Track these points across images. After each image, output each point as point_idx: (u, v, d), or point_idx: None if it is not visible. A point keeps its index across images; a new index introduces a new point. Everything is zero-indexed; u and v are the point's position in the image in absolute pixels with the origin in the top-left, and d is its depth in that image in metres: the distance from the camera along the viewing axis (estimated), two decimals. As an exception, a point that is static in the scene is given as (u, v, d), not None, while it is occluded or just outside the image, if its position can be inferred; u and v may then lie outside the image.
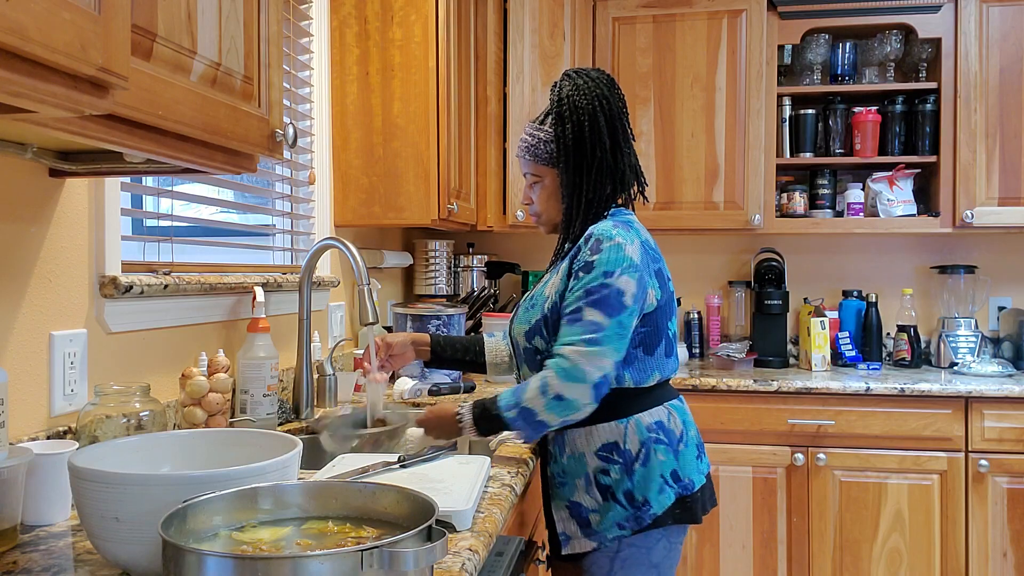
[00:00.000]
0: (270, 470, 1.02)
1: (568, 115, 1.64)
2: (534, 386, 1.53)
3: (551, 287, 1.64)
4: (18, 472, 1.14)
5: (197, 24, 1.07)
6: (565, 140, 1.64)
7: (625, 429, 1.61)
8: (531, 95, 3.02)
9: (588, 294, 1.54)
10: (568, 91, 1.66)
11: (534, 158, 1.69)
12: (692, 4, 3.17)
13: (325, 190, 2.46)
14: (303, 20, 2.35)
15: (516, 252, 3.68)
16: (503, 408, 1.55)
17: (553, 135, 1.66)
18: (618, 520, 1.59)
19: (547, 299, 1.63)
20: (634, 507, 1.59)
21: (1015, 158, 3.02)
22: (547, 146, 1.67)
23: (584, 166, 1.65)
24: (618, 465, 1.60)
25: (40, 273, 1.36)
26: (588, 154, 1.64)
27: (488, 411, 1.57)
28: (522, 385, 1.56)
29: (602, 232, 1.58)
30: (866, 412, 2.84)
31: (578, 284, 1.56)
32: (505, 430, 1.57)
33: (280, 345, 2.15)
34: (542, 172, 1.70)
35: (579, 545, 1.63)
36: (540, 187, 1.71)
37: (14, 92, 0.71)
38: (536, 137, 1.69)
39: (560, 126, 1.65)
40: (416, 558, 0.79)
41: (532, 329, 1.65)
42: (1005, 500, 2.78)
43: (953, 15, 3.06)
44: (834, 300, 3.46)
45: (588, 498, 1.62)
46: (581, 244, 1.59)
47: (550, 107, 1.68)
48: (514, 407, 1.54)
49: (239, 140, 1.18)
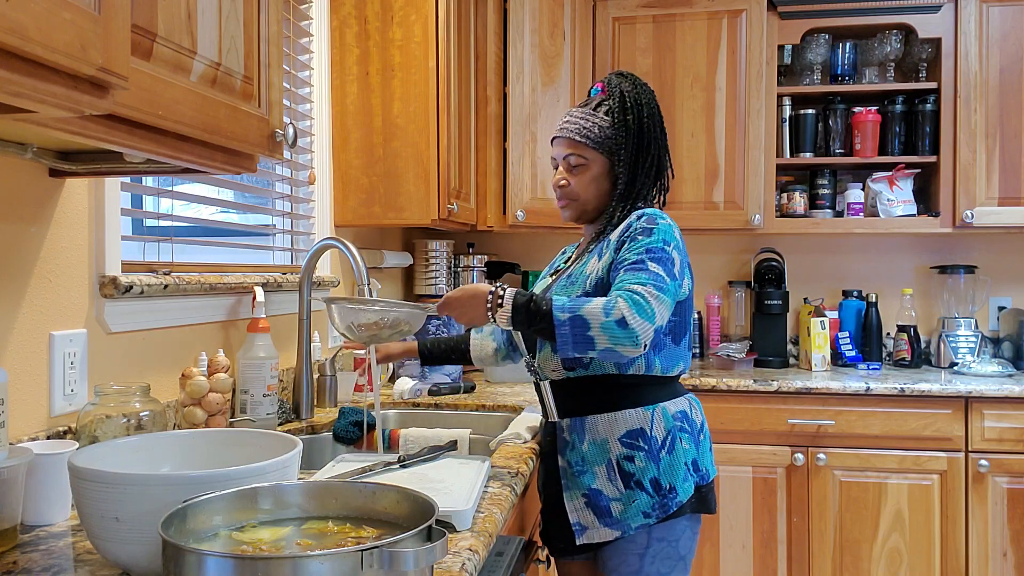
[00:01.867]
0: (270, 470, 1.02)
1: (631, 107, 1.67)
2: (597, 302, 1.47)
3: (594, 265, 1.63)
4: (18, 472, 1.14)
5: (197, 24, 1.07)
6: (628, 130, 1.67)
7: (652, 416, 1.61)
8: (531, 95, 3.02)
9: (649, 251, 1.54)
10: (628, 87, 1.69)
11: (587, 140, 1.68)
12: (692, 4, 3.17)
13: (325, 190, 2.46)
14: (303, 20, 2.35)
15: (516, 252, 3.68)
16: (556, 307, 1.47)
17: (611, 123, 1.67)
18: (643, 508, 1.58)
19: (589, 276, 1.62)
20: (660, 495, 1.58)
21: (1015, 158, 3.02)
22: (603, 132, 1.67)
23: (640, 160, 1.68)
24: (643, 452, 1.59)
25: (40, 273, 1.36)
26: (645, 149, 1.68)
27: (536, 302, 1.49)
28: (580, 298, 1.49)
29: (654, 212, 1.62)
30: (866, 412, 2.84)
31: (637, 244, 1.56)
32: (543, 331, 1.49)
33: (280, 345, 2.15)
34: (591, 157, 1.69)
35: (597, 535, 1.60)
36: (585, 171, 1.70)
37: (14, 92, 0.71)
38: (592, 121, 1.69)
39: (623, 116, 1.67)
40: (416, 558, 0.79)
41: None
42: (1005, 500, 2.78)
43: (953, 15, 3.06)
44: (834, 300, 3.46)
45: (610, 486, 1.60)
46: (632, 221, 1.61)
47: (606, 97, 1.70)
48: (568, 311, 1.46)
49: (239, 140, 1.18)
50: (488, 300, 1.51)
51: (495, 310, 1.51)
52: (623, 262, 1.56)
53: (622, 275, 1.54)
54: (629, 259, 1.55)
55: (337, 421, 1.97)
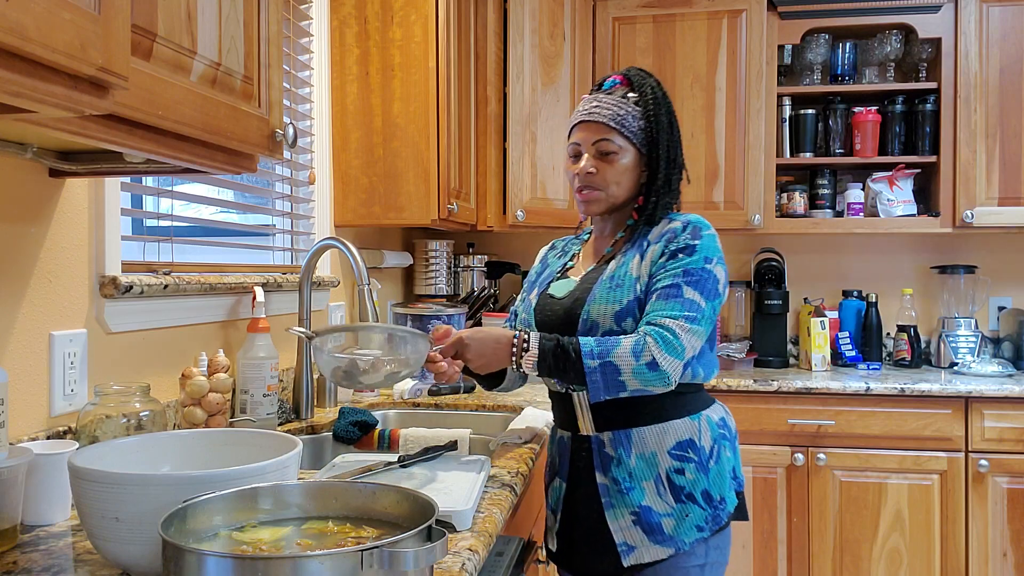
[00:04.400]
0: (270, 470, 1.02)
1: (661, 102, 1.60)
2: (626, 345, 1.44)
3: (638, 267, 1.55)
4: (18, 472, 1.14)
5: (197, 24, 1.07)
6: (659, 124, 1.58)
7: (699, 425, 1.55)
8: (531, 95, 3.02)
9: (687, 274, 1.49)
10: (653, 83, 1.62)
11: (622, 128, 1.58)
12: (692, 4, 3.17)
13: (325, 190, 2.46)
14: (303, 20, 2.35)
15: (516, 252, 3.68)
16: (585, 352, 1.44)
17: (643, 113, 1.58)
18: (697, 522, 1.51)
19: (637, 280, 1.54)
20: (712, 506, 1.52)
21: (1015, 158, 3.02)
22: (637, 122, 1.58)
23: (670, 156, 1.60)
24: (693, 463, 1.52)
25: (40, 273, 1.36)
26: (674, 146, 1.61)
27: (564, 348, 1.45)
28: (606, 340, 1.46)
29: (698, 220, 1.56)
30: (866, 412, 2.84)
31: (676, 263, 1.51)
32: (571, 379, 1.46)
33: (280, 345, 2.15)
34: (623, 146, 1.58)
35: (648, 554, 1.51)
36: (616, 160, 1.58)
37: (14, 92, 0.71)
38: (625, 109, 1.58)
39: (655, 109, 1.58)
40: (416, 558, 0.79)
41: (624, 310, 1.52)
42: (1005, 500, 2.78)
43: (953, 15, 3.06)
44: (834, 300, 3.46)
45: (660, 502, 1.51)
46: (677, 229, 1.54)
47: (630, 89, 1.61)
48: (597, 357, 1.43)
49: (239, 140, 1.18)
50: (513, 345, 1.47)
51: (520, 355, 1.46)
52: (658, 283, 1.50)
53: (654, 302, 1.49)
54: (664, 281, 1.50)
55: (337, 421, 1.97)
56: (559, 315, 1.60)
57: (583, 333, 1.53)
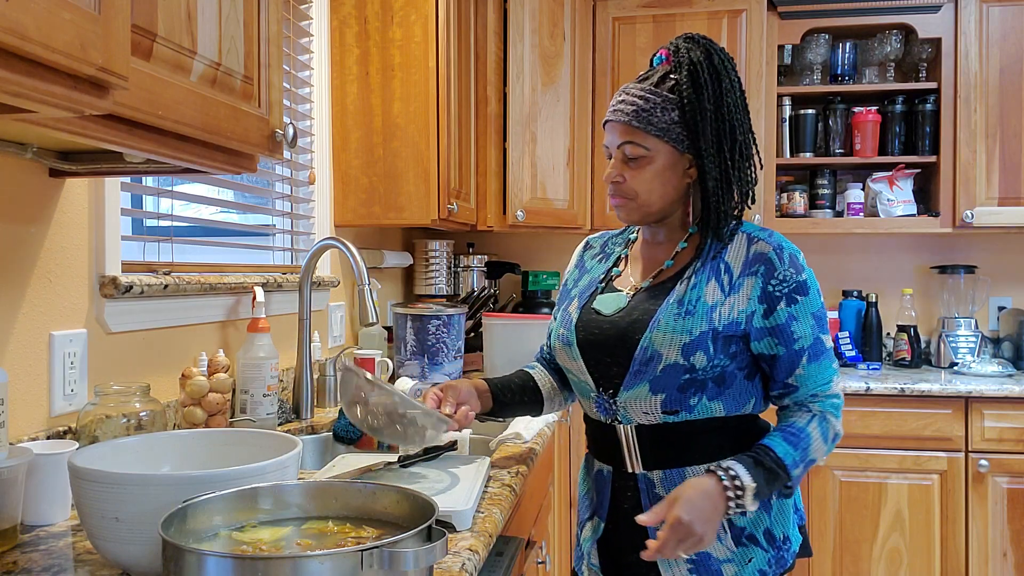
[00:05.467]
0: (270, 470, 1.02)
1: (705, 83, 1.34)
2: (816, 435, 1.32)
3: (716, 294, 1.34)
4: (18, 472, 1.14)
5: (197, 24, 1.07)
6: (701, 110, 1.34)
7: None
8: (531, 95, 3.02)
9: (818, 320, 1.35)
10: (699, 55, 1.36)
11: (646, 125, 1.35)
12: (692, 4, 3.17)
13: (325, 190, 2.46)
14: (303, 20, 2.35)
15: (516, 252, 3.67)
16: (790, 465, 1.29)
17: (677, 102, 1.34)
18: (760, 566, 1.36)
19: (712, 309, 1.33)
20: (775, 547, 1.38)
21: (1015, 158, 3.02)
22: (667, 113, 1.34)
23: (724, 146, 1.35)
24: None
25: (40, 273, 1.36)
26: (728, 133, 1.35)
27: (772, 470, 1.28)
28: (798, 435, 1.31)
29: (788, 244, 1.37)
30: (866, 412, 2.84)
31: (801, 309, 1.33)
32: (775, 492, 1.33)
33: (280, 345, 2.15)
34: (654, 147, 1.36)
35: None
36: (646, 164, 1.37)
37: (14, 92, 0.71)
38: (654, 101, 1.35)
39: (696, 94, 1.34)
40: (416, 558, 0.79)
41: (695, 342, 1.31)
42: (1005, 500, 2.78)
43: (953, 15, 3.06)
44: (834, 300, 3.46)
45: (719, 546, 1.35)
46: (773, 260, 1.34)
47: (672, 68, 1.37)
48: (801, 463, 1.31)
49: (239, 140, 1.18)
50: (727, 491, 1.25)
51: (739, 497, 1.26)
52: (799, 341, 1.33)
53: (807, 365, 1.33)
54: (805, 338, 1.33)
55: (337, 421, 1.97)
56: (610, 337, 1.39)
57: (642, 363, 1.34)
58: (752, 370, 1.38)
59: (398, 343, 2.51)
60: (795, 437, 1.31)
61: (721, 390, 1.35)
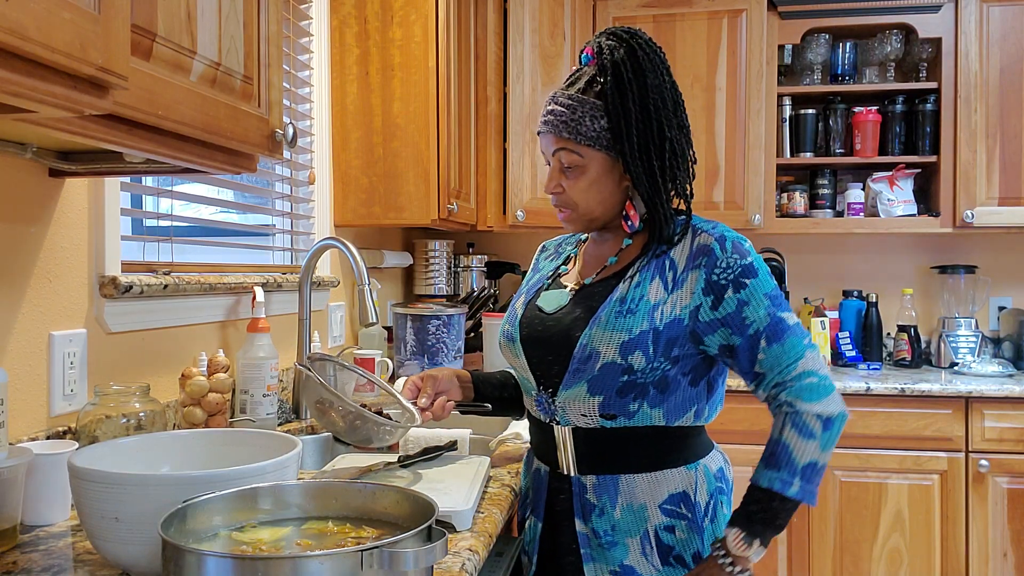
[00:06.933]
0: (270, 470, 1.02)
1: (629, 83, 1.30)
2: (793, 437, 1.25)
3: (659, 293, 1.31)
4: (18, 472, 1.14)
5: (197, 24, 1.07)
6: (625, 113, 1.30)
7: (695, 477, 1.35)
8: (531, 95, 3.02)
9: (772, 300, 1.28)
10: (623, 54, 1.31)
11: (574, 135, 1.32)
12: (692, 4, 3.17)
13: (325, 190, 2.46)
14: (303, 20, 2.34)
15: (516, 252, 3.68)
16: (779, 488, 1.26)
17: (603, 107, 1.31)
18: None
19: (655, 308, 1.29)
20: None
21: (1015, 158, 3.02)
22: (596, 121, 1.31)
23: (652, 148, 1.31)
24: (686, 521, 1.33)
25: (40, 273, 1.36)
26: (656, 133, 1.31)
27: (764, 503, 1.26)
28: (777, 449, 1.27)
29: (732, 233, 1.33)
30: (866, 412, 2.84)
31: (750, 292, 1.28)
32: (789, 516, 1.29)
33: (280, 345, 2.15)
34: (587, 155, 1.33)
35: None
36: (581, 174, 1.34)
37: (14, 92, 0.71)
38: (579, 110, 1.31)
39: (619, 98, 1.30)
40: (416, 558, 0.79)
41: (634, 341, 1.28)
42: (1005, 500, 2.78)
43: (953, 15, 3.06)
44: (834, 300, 3.46)
45: (645, 562, 1.32)
46: (715, 248, 1.30)
47: (598, 71, 1.33)
48: (792, 478, 1.25)
49: (239, 140, 1.18)
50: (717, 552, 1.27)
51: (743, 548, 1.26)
52: (753, 325, 1.27)
53: (770, 350, 1.27)
54: (760, 321, 1.27)
55: (337, 421, 1.97)
56: (552, 335, 1.37)
57: (580, 360, 1.31)
58: (698, 376, 1.33)
59: (398, 343, 2.51)
60: (773, 456, 1.28)
61: (664, 397, 1.31)
